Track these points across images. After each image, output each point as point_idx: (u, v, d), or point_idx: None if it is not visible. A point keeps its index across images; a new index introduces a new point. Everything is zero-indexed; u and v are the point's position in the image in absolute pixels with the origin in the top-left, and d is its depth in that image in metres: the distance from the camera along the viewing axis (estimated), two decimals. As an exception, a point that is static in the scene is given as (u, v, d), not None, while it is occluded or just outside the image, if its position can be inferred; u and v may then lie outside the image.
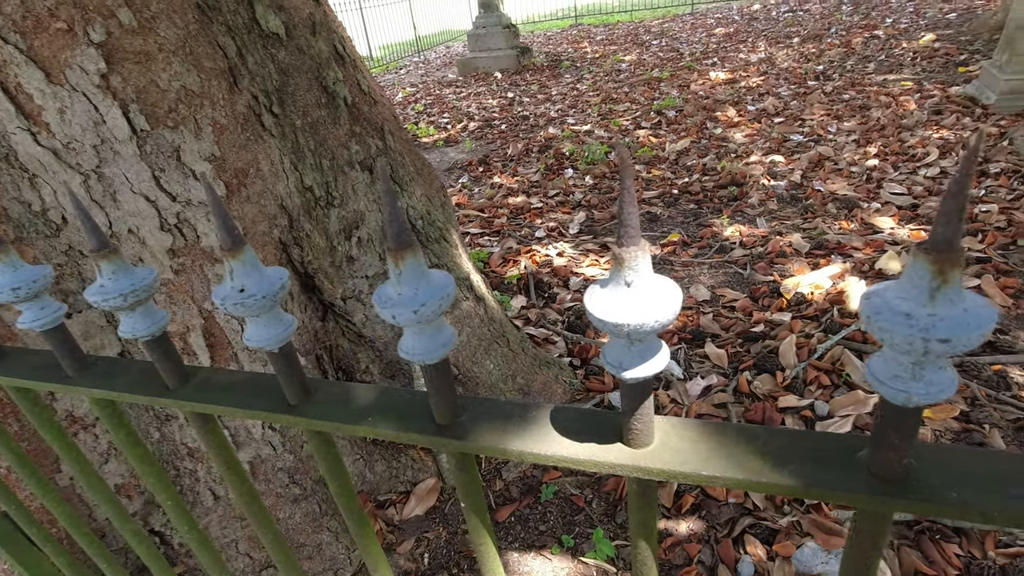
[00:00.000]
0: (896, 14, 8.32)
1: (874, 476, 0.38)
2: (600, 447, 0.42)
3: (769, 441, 0.41)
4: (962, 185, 0.27)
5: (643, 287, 0.35)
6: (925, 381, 0.33)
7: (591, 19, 12.98)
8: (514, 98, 6.61)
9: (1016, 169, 3.40)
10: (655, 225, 3.31)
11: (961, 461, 0.38)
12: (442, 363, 0.43)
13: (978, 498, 0.35)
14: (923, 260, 0.30)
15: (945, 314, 0.30)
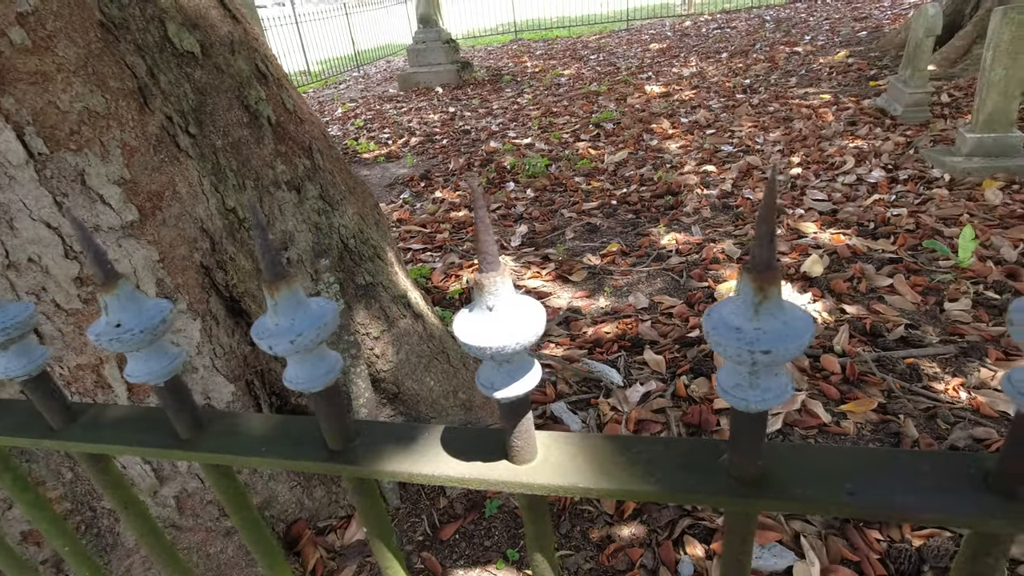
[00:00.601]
0: (814, 32, 8.86)
1: (733, 478, 0.40)
2: (486, 465, 0.43)
3: (643, 450, 0.43)
4: (768, 211, 0.29)
5: (504, 311, 0.36)
6: (761, 388, 0.35)
7: (531, 34, 13.21)
8: (455, 113, 6.64)
9: (921, 175, 3.67)
10: (595, 236, 3.38)
11: (809, 459, 0.40)
12: (328, 390, 0.43)
13: (821, 493, 0.38)
14: (747, 279, 0.32)
15: (768, 327, 0.32)
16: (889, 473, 0.38)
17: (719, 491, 0.39)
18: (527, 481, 0.41)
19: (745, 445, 0.38)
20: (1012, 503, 0.35)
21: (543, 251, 3.22)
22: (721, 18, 11.86)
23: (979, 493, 0.36)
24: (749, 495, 0.38)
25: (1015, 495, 0.35)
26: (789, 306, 0.33)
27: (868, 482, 0.37)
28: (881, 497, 0.36)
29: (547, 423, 1.93)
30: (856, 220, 3.18)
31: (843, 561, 1.46)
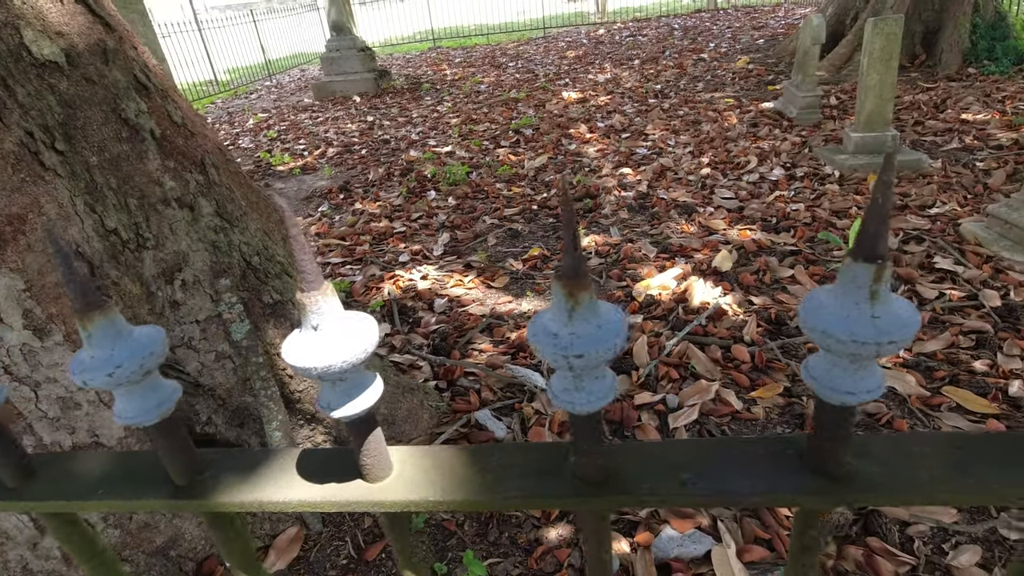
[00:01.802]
0: (718, 39, 9.37)
1: (579, 479, 0.40)
2: (339, 486, 0.41)
3: (496, 458, 0.43)
4: (569, 220, 0.30)
5: (330, 330, 0.35)
6: (586, 391, 0.35)
7: (449, 42, 13.22)
8: (374, 122, 6.52)
9: (816, 172, 3.94)
10: (517, 241, 3.40)
11: (651, 454, 0.41)
12: (165, 423, 0.40)
13: (662, 486, 0.39)
14: (557, 286, 0.33)
15: (581, 332, 0.32)
16: (723, 460, 0.39)
17: (567, 493, 0.39)
18: (379, 499, 0.40)
19: (586, 446, 0.38)
20: (820, 479, 0.37)
21: (465, 258, 3.21)
22: (633, 26, 12.33)
23: (796, 472, 0.38)
24: (594, 494, 0.39)
25: (823, 472, 0.37)
26: (605, 310, 0.33)
27: (705, 471, 0.39)
28: (716, 484, 0.38)
29: (472, 431, 1.91)
30: (760, 216, 3.37)
31: (756, 540, 1.54)
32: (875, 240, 0.27)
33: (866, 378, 0.32)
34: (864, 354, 0.29)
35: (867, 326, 0.28)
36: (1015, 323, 2.25)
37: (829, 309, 0.30)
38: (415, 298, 2.82)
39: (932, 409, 1.92)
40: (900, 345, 0.28)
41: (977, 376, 2.03)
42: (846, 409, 0.33)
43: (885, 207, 0.26)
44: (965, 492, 0.34)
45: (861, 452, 0.37)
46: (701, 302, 2.55)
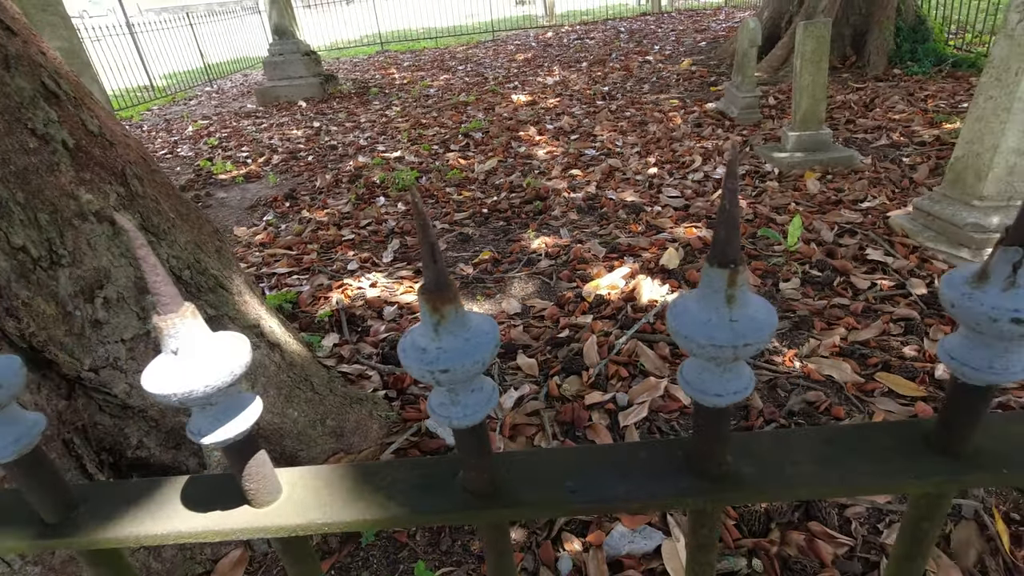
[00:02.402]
0: (662, 42, 9.60)
1: (468, 493, 0.39)
2: (224, 514, 0.39)
3: (387, 476, 0.42)
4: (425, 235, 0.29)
5: (191, 353, 0.33)
6: (462, 405, 0.35)
7: (397, 45, 13.09)
8: (321, 127, 6.38)
9: (757, 170, 4.08)
10: (467, 245, 3.39)
11: (537, 464, 0.41)
12: (24, 459, 0.37)
13: (546, 496, 0.39)
14: (422, 300, 0.32)
15: (449, 346, 0.32)
16: (608, 467, 0.39)
17: (456, 507, 0.38)
18: (266, 524, 0.38)
19: (471, 460, 0.37)
20: (700, 481, 0.38)
21: (416, 265, 3.17)
22: (580, 29, 12.50)
23: (678, 475, 0.39)
24: (483, 507, 0.38)
25: (703, 473, 0.38)
26: (477, 322, 0.33)
27: (588, 478, 0.38)
28: (599, 491, 0.38)
29: (423, 439, 1.88)
30: (705, 213, 3.46)
31: (705, 533, 1.56)
32: (726, 246, 0.27)
33: (733, 380, 0.32)
34: (723, 357, 0.29)
35: (725, 330, 0.28)
36: (939, 310, 2.38)
37: (692, 314, 0.30)
38: (364, 306, 2.77)
39: (867, 395, 2.00)
40: (756, 347, 0.28)
41: (906, 361, 2.13)
42: (719, 411, 0.34)
43: (733, 213, 0.26)
44: (829, 485, 0.35)
45: (743, 452, 0.38)
46: (649, 300, 2.59)
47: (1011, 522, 1.54)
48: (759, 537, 1.54)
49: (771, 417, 1.91)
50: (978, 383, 0.33)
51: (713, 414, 0.34)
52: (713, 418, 0.34)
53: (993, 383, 0.32)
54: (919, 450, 0.37)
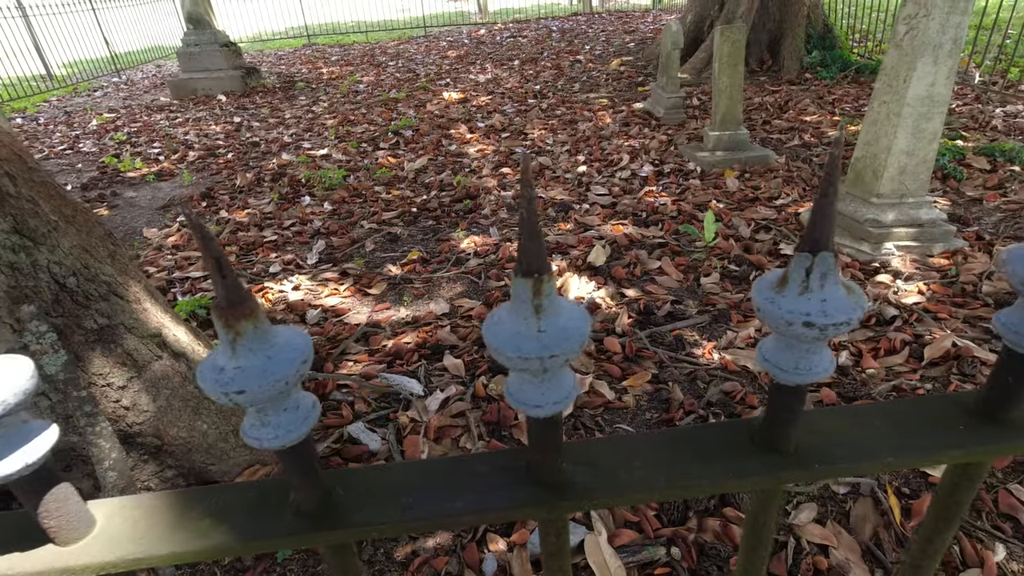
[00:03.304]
0: (593, 42, 9.77)
1: (299, 515, 0.37)
2: (23, 555, 0.35)
3: (216, 501, 0.39)
4: (209, 251, 0.27)
5: None
6: (272, 426, 0.33)
7: (325, 39, 12.69)
8: (242, 123, 6.09)
9: (681, 168, 4.22)
10: (396, 245, 3.32)
11: (372, 481, 0.40)
12: None
13: (380, 514, 0.37)
14: (215, 317, 0.30)
15: (247, 364, 0.30)
16: (446, 480, 0.38)
17: (285, 532, 0.36)
18: (71, 564, 0.35)
19: (298, 481, 0.35)
20: (537, 489, 0.37)
21: (342, 266, 3.07)
22: (513, 27, 12.53)
23: (516, 485, 0.38)
24: (314, 530, 0.36)
25: (541, 482, 0.38)
26: (286, 336, 0.30)
27: (426, 493, 0.37)
28: (435, 506, 0.37)
29: (344, 446, 1.83)
30: (632, 211, 3.54)
31: (627, 524, 1.60)
32: (530, 255, 0.26)
33: (552, 390, 0.32)
34: (531, 368, 0.28)
35: (532, 341, 0.28)
36: (843, 300, 2.53)
37: (503, 325, 0.29)
38: (286, 310, 2.66)
39: (778, 383, 2.10)
40: (564, 358, 0.28)
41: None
42: (547, 421, 0.33)
43: (532, 222, 0.25)
44: (658, 488, 0.35)
45: (581, 458, 0.37)
46: (576, 297, 2.62)
47: (902, 496, 1.66)
48: (678, 526, 1.58)
49: (690, 408, 1.98)
50: (788, 383, 0.34)
51: (541, 424, 0.33)
52: (543, 428, 0.33)
53: (800, 383, 0.33)
54: (747, 449, 0.38)
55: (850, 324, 0.30)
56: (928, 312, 2.41)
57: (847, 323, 0.30)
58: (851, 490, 1.68)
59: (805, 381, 0.33)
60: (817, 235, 0.29)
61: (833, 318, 0.29)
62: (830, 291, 0.30)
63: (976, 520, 1.58)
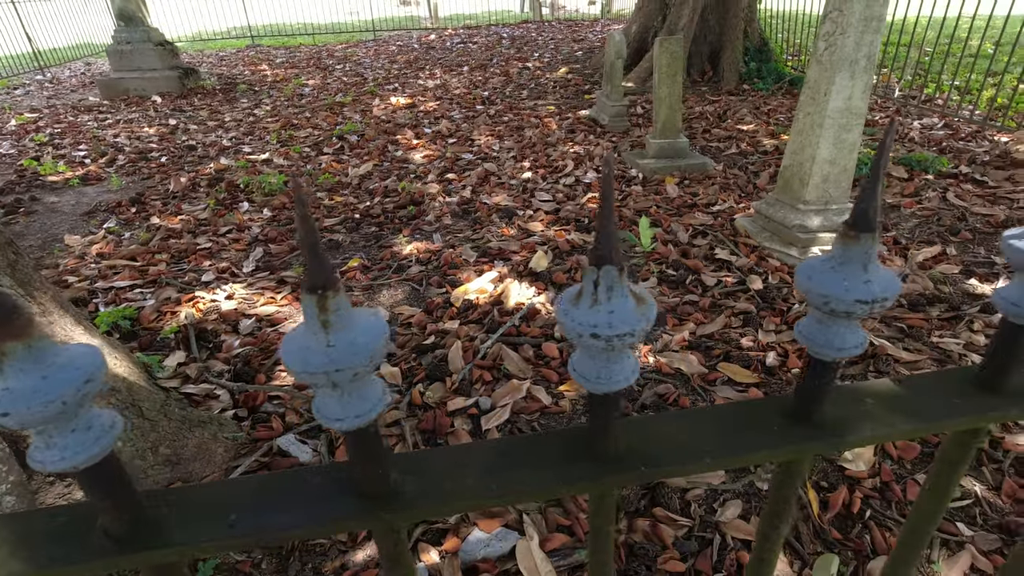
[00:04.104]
0: (542, 50, 9.89)
1: (111, 539, 0.37)
2: None
3: (22, 526, 0.38)
4: None
5: None
6: (58, 448, 0.32)
7: (270, 40, 12.37)
8: (178, 125, 5.86)
9: (623, 175, 4.31)
10: (337, 252, 3.26)
11: (195, 499, 0.39)
12: None
13: (205, 532, 0.37)
14: None
15: (16, 387, 0.29)
16: (276, 495, 0.38)
17: (93, 555, 0.35)
18: None
19: (101, 504, 0.35)
20: (362, 501, 0.37)
21: (279, 274, 2.99)
22: (464, 33, 12.55)
23: (346, 498, 0.38)
24: (122, 552, 0.35)
25: (366, 494, 0.38)
26: (69, 356, 0.29)
27: (253, 509, 0.37)
28: (261, 521, 0.36)
29: (274, 459, 1.78)
30: (575, 217, 3.59)
31: (559, 528, 1.61)
32: (313, 272, 0.26)
33: (352, 403, 0.32)
34: (320, 383, 0.28)
35: (321, 355, 0.28)
36: (772, 303, 2.64)
37: (296, 341, 0.29)
38: (218, 320, 2.57)
39: (710, 384, 2.17)
40: (353, 372, 0.28)
41: (744, 351, 2.33)
42: (359, 433, 0.33)
43: (311, 239, 0.25)
44: (488, 496, 0.36)
45: (411, 469, 0.38)
46: (516, 303, 2.64)
47: (820, 489, 1.74)
48: (608, 528, 1.61)
49: (625, 412, 2.01)
50: (596, 391, 0.36)
51: (353, 437, 0.33)
52: (354, 441, 0.34)
53: (606, 391, 0.35)
54: (577, 456, 0.39)
55: (634, 335, 0.31)
56: (849, 313, 2.55)
57: (631, 334, 0.31)
58: (774, 486, 1.75)
59: (610, 390, 0.34)
60: (601, 250, 0.31)
61: (618, 329, 0.31)
62: (617, 303, 0.31)
63: (886, 509, 1.67)
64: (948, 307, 2.56)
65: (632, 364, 0.35)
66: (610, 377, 0.34)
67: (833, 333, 0.38)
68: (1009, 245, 0.41)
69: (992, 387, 0.46)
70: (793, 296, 2.68)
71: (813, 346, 0.38)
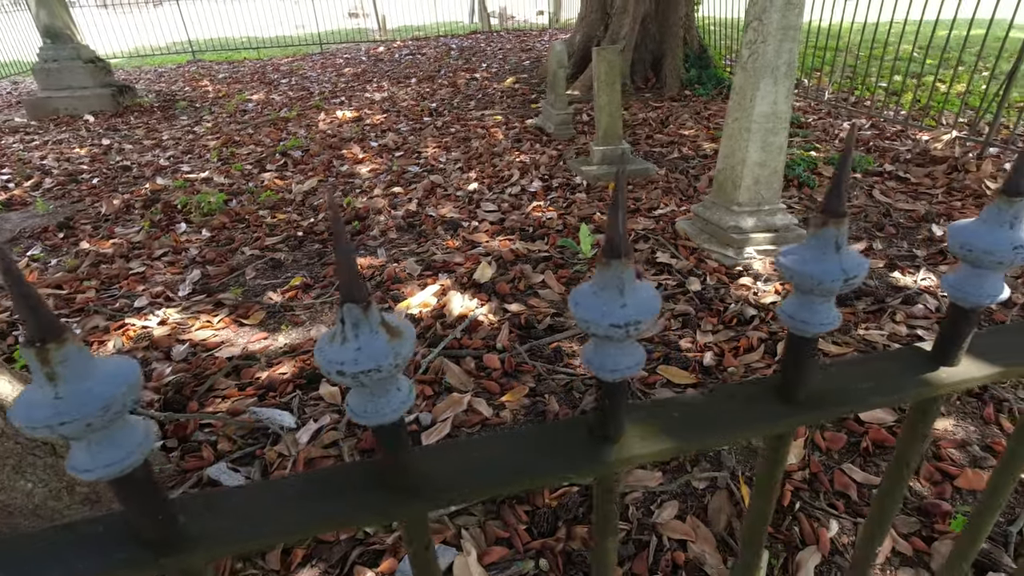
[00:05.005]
0: (490, 60, 9.95)
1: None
2: None
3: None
4: None
5: None
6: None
7: (213, 55, 12.08)
8: (111, 145, 5.65)
9: (568, 182, 4.36)
10: (279, 272, 3.19)
11: None
12: None
13: None
14: None
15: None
16: (48, 543, 0.37)
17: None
18: None
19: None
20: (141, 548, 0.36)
21: (216, 297, 2.91)
22: (412, 45, 12.52)
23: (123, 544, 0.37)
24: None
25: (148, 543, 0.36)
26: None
27: (26, 562, 0.36)
28: None
29: (204, 489, 1.71)
30: (519, 226, 3.61)
31: (498, 540, 1.61)
32: (30, 326, 0.26)
33: (104, 451, 0.31)
34: (51, 438, 0.28)
35: (46, 408, 0.28)
36: (710, 303, 2.71)
37: (25, 395, 0.29)
38: (149, 347, 2.48)
39: (649, 387, 2.21)
40: (84, 422, 0.27)
41: (682, 352, 2.39)
42: (121, 479, 0.33)
43: (29, 293, 0.25)
44: (289, 532, 0.36)
45: (201, 510, 0.37)
46: (459, 314, 2.63)
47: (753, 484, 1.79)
48: (547, 537, 1.61)
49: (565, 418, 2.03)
50: (371, 424, 0.37)
51: (115, 484, 0.33)
52: (117, 488, 0.33)
53: (379, 424, 0.36)
54: (373, 486, 0.40)
55: (381, 371, 0.32)
56: (782, 310, 2.63)
57: (377, 369, 0.32)
58: (709, 484, 1.79)
59: (381, 422, 0.35)
60: (343, 289, 0.31)
61: (363, 365, 0.31)
62: (365, 339, 0.31)
63: (815, 500, 1.73)
64: (874, 300, 2.68)
65: (399, 397, 0.35)
66: (377, 411, 0.34)
67: (605, 355, 0.40)
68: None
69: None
70: (730, 296, 2.76)
71: (597, 371, 0.40)
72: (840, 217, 0.36)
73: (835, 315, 0.45)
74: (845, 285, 0.40)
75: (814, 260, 0.40)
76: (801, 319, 0.44)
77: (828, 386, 0.51)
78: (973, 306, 0.50)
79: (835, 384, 0.51)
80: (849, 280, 0.40)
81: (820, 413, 0.48)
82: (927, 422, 0.57)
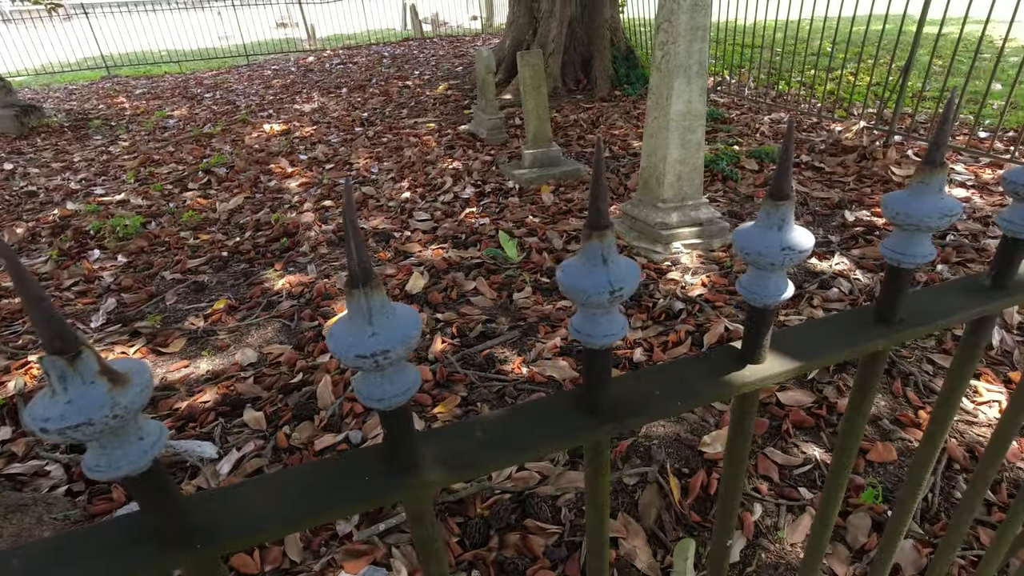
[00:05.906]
0: (423, 67, 9.88)
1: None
2: None
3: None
4: None
5: None
6: None
7: (130, 70, 11.50)
8: (14, 170, 5.28)
9: (501, 187, 4.37)
10: (202, 295, 3.06)
11: None
12: None
13: None
14: None
15: None
16: None
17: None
18: None
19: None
20: None
21: (132, 326, 2.76)
22: (344, 54, 12.29)
23: None
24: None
25: None
26: None
27: None
28: None
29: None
30: (452, 234, 3.59)
31: (431, 558, 1.58)
32: None
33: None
34: None
35: None
36: (639, 300, 2.76)
37: None
38: (56, 385, 2.32)
39: (582, 387, 2.23)
40: None
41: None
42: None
43: None
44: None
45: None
46: (390, 328, 2.59)
47: (682, 476, 1.83)
48: (479, 547, 1.60)
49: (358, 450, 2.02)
50: None
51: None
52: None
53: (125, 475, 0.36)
54: None
55: (93, 424, 0.30)
56: (708, 302, 2.71)
57: (89, 423, 0.30)
58: (639, 480, 1.82)
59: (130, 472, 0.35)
60: (44, 341, 0.30)
61: (70, 421, 0.30)
62: (74, 392, 0.30)
63: (739, 486, 1.78)
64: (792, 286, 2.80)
65: (144, 447, 0.34)
66: (110, 465, 0.33)
67: (371, 383, 0.40)
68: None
69: (590, 408, 0.52)
70: (659, 291, 2.82)
71: (364, 400, 0.41)
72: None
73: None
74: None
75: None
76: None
77: (631, 395, 0.52)
78: (763, 306, 0.53)
79: (639, 392, 0.52)
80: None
81: (617, 424, 0.49)
82: (749, 416, 0.60)
